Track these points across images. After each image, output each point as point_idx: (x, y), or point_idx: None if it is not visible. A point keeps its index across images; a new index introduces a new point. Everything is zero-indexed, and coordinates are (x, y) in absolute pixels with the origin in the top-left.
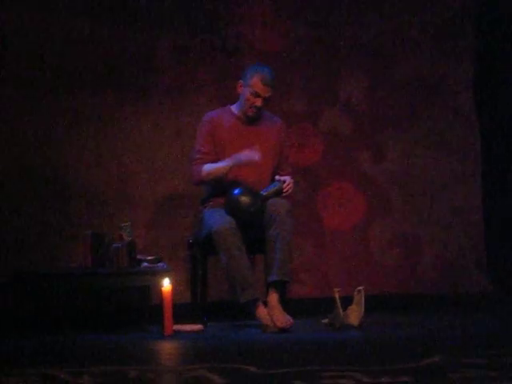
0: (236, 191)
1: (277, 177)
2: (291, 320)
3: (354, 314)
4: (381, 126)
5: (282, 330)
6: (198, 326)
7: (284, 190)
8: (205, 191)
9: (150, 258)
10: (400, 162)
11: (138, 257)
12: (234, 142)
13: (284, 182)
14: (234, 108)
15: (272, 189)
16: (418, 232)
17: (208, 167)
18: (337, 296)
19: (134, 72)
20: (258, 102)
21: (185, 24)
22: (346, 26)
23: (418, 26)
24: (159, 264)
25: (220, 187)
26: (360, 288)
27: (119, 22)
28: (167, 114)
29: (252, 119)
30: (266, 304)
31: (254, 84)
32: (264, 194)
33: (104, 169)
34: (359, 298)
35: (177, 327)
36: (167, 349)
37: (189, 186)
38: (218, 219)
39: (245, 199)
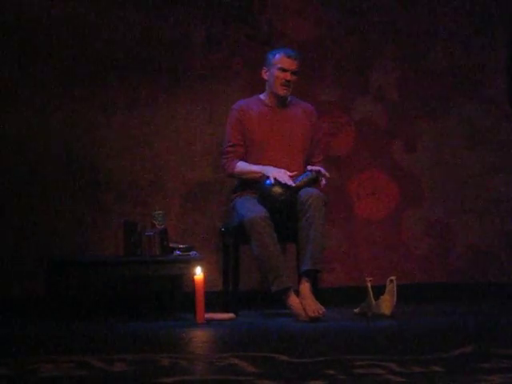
0: (268, 181)
1: (309, 167)
2: (323, 309)
3: (386, 304)
4: (413, 115)
5: (314, 319)
6: (229, 315)
7: (322, 181)
8: (237, 180)
9: (182, 246)
10: (432, 152)
11: (171, 245)
12: (263, 128)
13: (316, 172)
14: (262, 96)
15: (304, 178)
16: (450, 221)
17: (241, 167)
18: (369, 285)
19: (167, 60)
20: (288, 76)
21: (218, 12)
22: (379, 14)
23: (451, 14)
24: (191, 252)
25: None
26: (392, 277)
27: (153, 9)
28: (200, 102)
29: (284, 99)
30: (297, 293)
31: (279, 61)
32: (296, 183)
33: (136, 157)
34: (391, 288)
35: (209, 315)
36: (199, 337)
37: (221, 174)
38: (250, 208)
39: (277, 189)
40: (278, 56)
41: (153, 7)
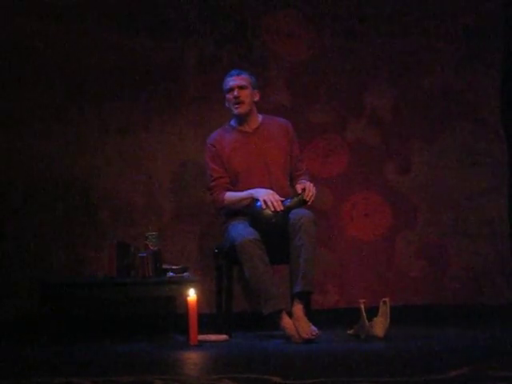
0: (259, 203)
1: (298, 187)
2: (316, 331)
3: (380, 325)
4: (407, 136)
5: (307, 341)
6: (222, 336)
7: (307, 199)
8: None
9: (175, 267)
10: (426, 173)
11: (164, 266)
12: (240, 156)
13: (302, 189)
14: (233, 123)
15: (294, 199)
16: (443, 243)
17: (230, 197)
18: (362, 307)
19: (160, 82)
20: (235, 92)
21: (211, 34)
22: (372, 36)
23: (445, 36)
24: (184, 274)
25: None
26: (385, 299)
27: (146, 32)
28: (193, 124)
29: (243, 116)
30: (290, 314)
31: (224, 85)
32: (286, 204)
33: (130, 178)
34: (385, 309)
35: (202, 337)
36: (192, 358)
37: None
38: (241, 231)
39: (268, 211)
40: (224, 82)
41: (146, 30)
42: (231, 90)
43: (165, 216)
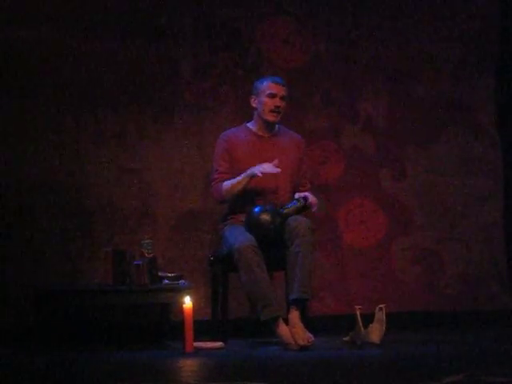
0: (256, 209)
1: (296, 194)
2: (312, 337)
3: (376, 332)
4: (402, 143)
5: (303, 348)
6: (218, 343)
7: (311, 207)
8: (225, 208)
9: (171, 274)
10: (421, 179)
11: (159, 274)
12: (251, 158)
13: (304, 198)
14: (250, 125)
15: (292, 206)
16: (439, 249)
17: (227, 184)
18: (358, 313)
19: (155, 89)
20: (277, 102)
21: (206, 41)
22: (367, 43)
23: (440, 42)
24: (180, 281)
25: (240, 204)
26: (381, 306)
27: (142, 39)
28: (189, 131)
29: (272, 126)
30: (286, 321)
31: (267, 87)
32: (284, 211)
33: (125, 185)
34: (380, 316)
35: (197, 344)
36: (188, 366)
37: (210, 203)
38: (238, 237)
39: (265, 217)
40: (265, 83)
41: (141, 37)
42: (274, 96)
43: (160, 223)
